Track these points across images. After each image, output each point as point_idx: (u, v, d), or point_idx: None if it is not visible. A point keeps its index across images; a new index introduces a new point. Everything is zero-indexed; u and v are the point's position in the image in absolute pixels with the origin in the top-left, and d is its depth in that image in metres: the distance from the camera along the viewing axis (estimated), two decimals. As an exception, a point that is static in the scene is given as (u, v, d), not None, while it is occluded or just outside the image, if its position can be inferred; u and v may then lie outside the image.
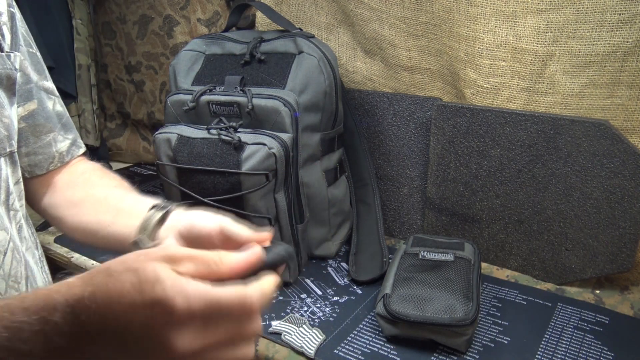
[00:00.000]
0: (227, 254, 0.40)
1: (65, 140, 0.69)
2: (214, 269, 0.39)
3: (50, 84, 0.68)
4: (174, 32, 1.31)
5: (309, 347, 0.76)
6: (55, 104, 0.69)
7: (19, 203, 0.62)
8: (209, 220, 0.52)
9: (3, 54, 0.57)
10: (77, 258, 1.04)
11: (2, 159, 0.57)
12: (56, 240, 1.10)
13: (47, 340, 0.36)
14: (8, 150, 0.58)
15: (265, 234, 0.48)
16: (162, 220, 0.55)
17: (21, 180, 0.63)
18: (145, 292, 0.35)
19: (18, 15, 0.63)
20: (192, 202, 0.86)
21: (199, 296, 0.36)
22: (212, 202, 0.84)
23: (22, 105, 0.63)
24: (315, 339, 0.77)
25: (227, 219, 0.50)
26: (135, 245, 0.54)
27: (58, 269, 1.06)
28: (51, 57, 1.25)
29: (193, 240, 0.52)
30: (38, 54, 0.67)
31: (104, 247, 0.62)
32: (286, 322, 0.81)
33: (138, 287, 0.36)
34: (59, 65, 1.37)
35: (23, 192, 0.63)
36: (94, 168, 0.71)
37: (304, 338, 0.77)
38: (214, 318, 0.37)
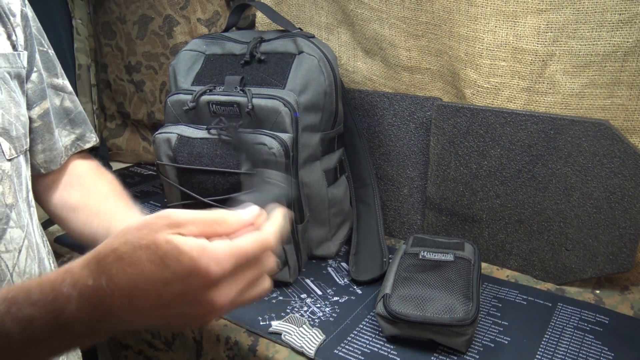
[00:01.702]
0: (228, 215, 0.41)
1: (70, 135, 0.71)
2: (217, 229, 0.40)
3: (60, 81, 0.69)
4: (174, 32, 1.31)
5: (309, 347, 0.76)
6: (64, 100, 0.70)
7: (33, 200, 0.63)
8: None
9: (15, 52, 0.58)
10: (78, 258, 1.04)
11: (22, 157, 0.59)
12: (56, 240, 1.10)
13: (62, 328, 0.38)
14: (25, 147, 0.59)
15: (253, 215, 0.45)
16: None
17: (30, 177, 0.64)
18: (172, 267, 0.37)
19: (30, 14, 0.63)
20: (192, 202, 0.87)
21: (228, 256, 0.38)
22: (212, 202, 0.84)
23: (39, 104, 0.64)
24: (315, 339, 0.77)
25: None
26: None
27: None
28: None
29: None
30: (50, 51, 0.68)
31: None
32: (286, 322, 0.81)
33: (160, 264, 0.37)
34: (59, 65, 1.36)
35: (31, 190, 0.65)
36: (89, 170, 0.72)
37: (304, 338, 0.77)
38: (243, 268, 0.40)
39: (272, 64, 0.91)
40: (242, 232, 0.41)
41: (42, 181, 0.69)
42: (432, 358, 0.74)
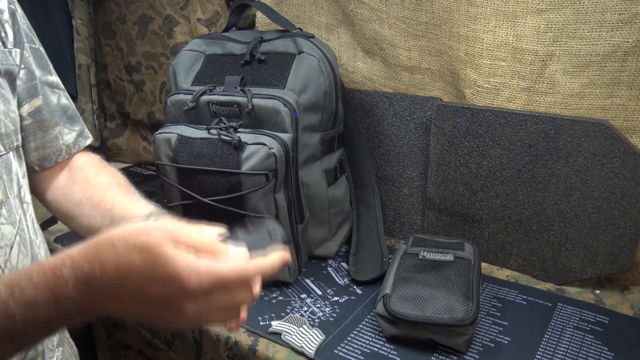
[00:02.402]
0: (221, 247, 0.45)
1: (71, 133, 0.71)
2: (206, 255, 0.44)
3: (54, 78, 0.69)
4: (174, 32, 1.31)
5: (309, 347, 0.76)
6: (60, 98, 0.70)
7: (29, 196, 0.63)
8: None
9: (5, 50, 0.58)
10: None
11: (11, 153, 0.59)
12: (56, 240, 1.10)
13: (60, 308, 0.43)
14: (15, 144, 0.60)
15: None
16: None
17: (26, 174, 0.64)
18: (159, 270, 0.41)
19: (19, 11, 0.63)
20: (193, 202, 0.86)
21: (207, 274, 0.42)
22: (212, 202, 0.84)
23: (28, 101, 0.64)
24: (315, 339, 0.77)
25: (213, 231, 0.49)
26: None
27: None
28: (51, 57, 1.24)
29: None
30: (41, 48, 0.68)
31: None
32: (286, 322, 0.81)
33: (149, 265, 0.41)
34: (59, 65, 1.36)
35: (28, 186, 0.64)
36: (91, 163, 0.72)
37: (304, 338, 0.77)
38: (218, 291, 0.43)
39: (272, 64, 0.91)
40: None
41: (40, 177, 0.69)
42: (432, 358, 0.74)
